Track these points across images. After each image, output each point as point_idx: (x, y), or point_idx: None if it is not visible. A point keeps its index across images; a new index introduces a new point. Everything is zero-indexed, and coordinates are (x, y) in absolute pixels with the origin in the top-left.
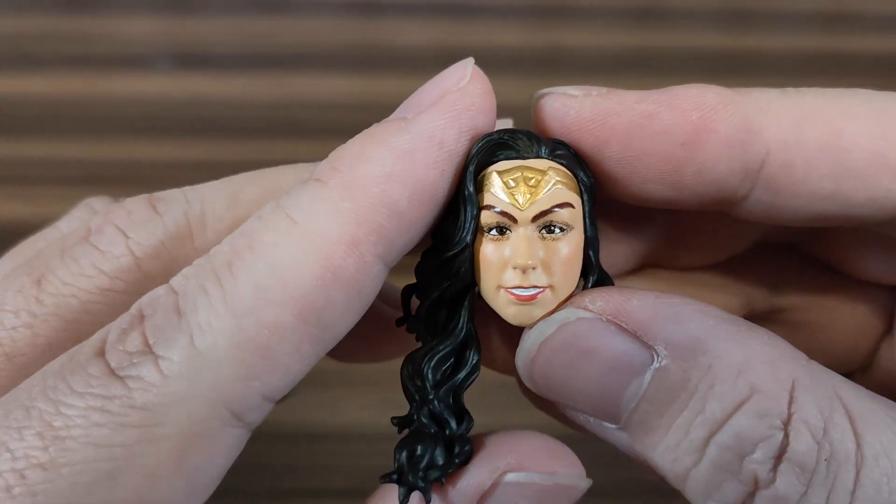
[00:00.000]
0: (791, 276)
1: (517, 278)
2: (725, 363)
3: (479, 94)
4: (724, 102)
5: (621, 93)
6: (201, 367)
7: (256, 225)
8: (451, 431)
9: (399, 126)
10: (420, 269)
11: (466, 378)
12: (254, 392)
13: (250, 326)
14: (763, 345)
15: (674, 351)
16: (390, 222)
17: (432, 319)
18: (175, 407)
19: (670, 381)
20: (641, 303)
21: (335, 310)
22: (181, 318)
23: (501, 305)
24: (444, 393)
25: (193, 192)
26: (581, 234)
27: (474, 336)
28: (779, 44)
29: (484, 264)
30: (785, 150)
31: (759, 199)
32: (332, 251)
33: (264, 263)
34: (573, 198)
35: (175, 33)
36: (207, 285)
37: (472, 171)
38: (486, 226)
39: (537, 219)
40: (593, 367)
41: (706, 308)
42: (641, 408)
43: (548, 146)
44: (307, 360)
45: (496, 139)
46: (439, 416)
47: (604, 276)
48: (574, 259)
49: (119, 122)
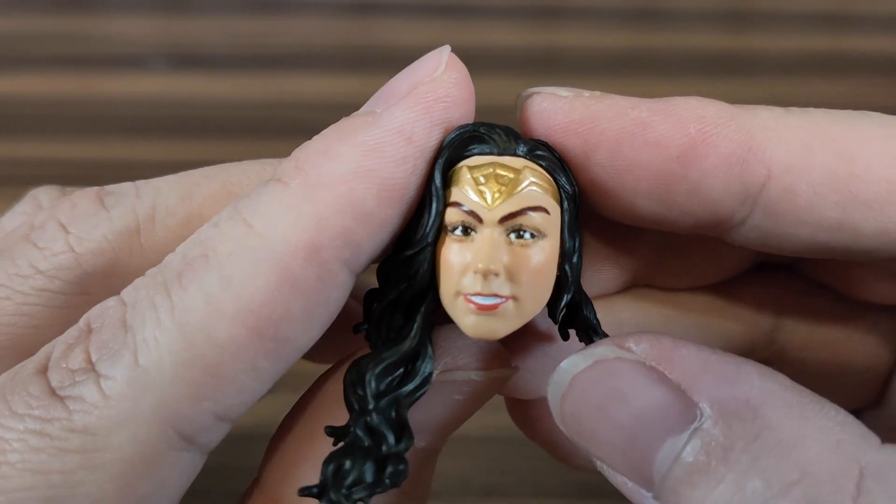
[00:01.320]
0: (792, 297)
1: (477, 284)
2: (776, 435)
3: (453, 84)
4: (726, 117)
5: (615, 97)
6: (145, 386)
7: (211, 232)
8: (387, 448)
9: (366, 121)
10: (380, 270)
11: (414, 391)
12: (204, 412)
13: (200, 342)
14: (827, 420)
15: (719, 412)
16: (357, 224)
17: (387, 325)
18: (118, 430)
19: (710, 447)
20: (693, 353)
21: (295, 322)
22: (127, 333)
23: (459, 314)
24: (386, 405)
25: (146, 186)
26: (556, 245)
27: (428, 345)
28: (778, 44)
29: (444, 266)
30: (789, 174)
31: (756, 225)
32: (291, 259)
33: (217, 274)
34: (549, 203)
35: (171, 33)
36: (156, 298)
37: (441, 164)
38: (451, 224)
39: (505, 220)
40: (624, 414)
41: (769, 372)
42: (675, 473)
43: (527, 145)
44: (265, 377)
45: (470, 131)
46: (376, 429)
47: (582, 296)
48: (544, 271)
49: (115, 121)
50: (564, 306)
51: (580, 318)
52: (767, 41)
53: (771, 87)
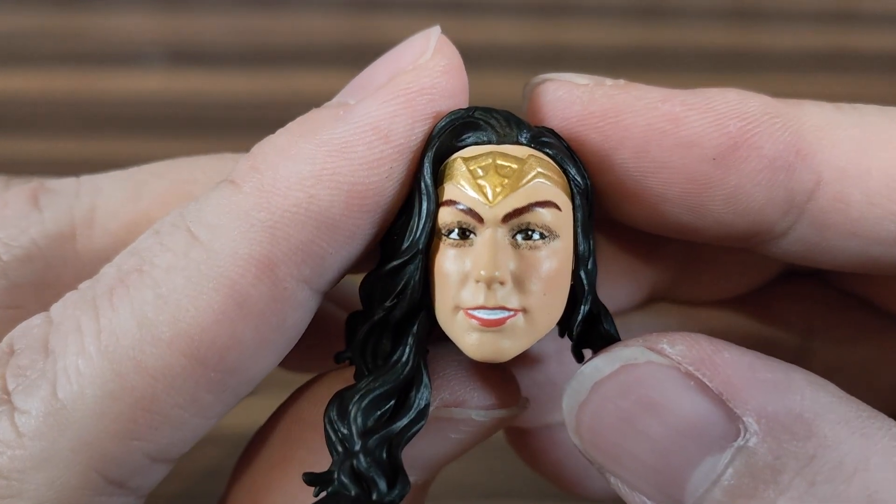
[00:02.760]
0: (824, 310)
1: (480, 296)
2: (836, 455)
3: (441, 72)
4: (771, 114)
5: (643, 87)
6: (65, 422)
7: (150, 242)
8: (379, 496)
9: (336, 114)
10: (364, 286)
11: (409, 427)
12: (135, 453)
13: (129, 372)
14: (892, 440)
15: (768, 427)
16: (320, 236)
17: (373, 350)
18: (33, 473)
19: (757, 468)
20: (736, 358)
21: (243, 349)
22: (47, 360)
23: (459, 332)
24: (375, 444)
25: (89, 184)
26: (569, 247)
27: (423, 372)
28: (784, 41)
29: (440, 278)
30: (842, 181)
31: (801, 237)
32: (240, 276)
33: (152, 292)
34: (560, 197)
35: (170, 30)
36: (82, 319)
37: (430, 156)
38: (445, 227)
39: (510, 219)
40: (657, 428)
41: (820, 381)
42: (713, 497)
43: (530, 131)
44: (209, 413)
45: (463, 117)
46: (364, 474)
47: (600, 307)
48: (558, 278)
49: (113, 119)
50: (581, 320)
51: (599, 332)
52: (773, 38)
53: (777, 84)
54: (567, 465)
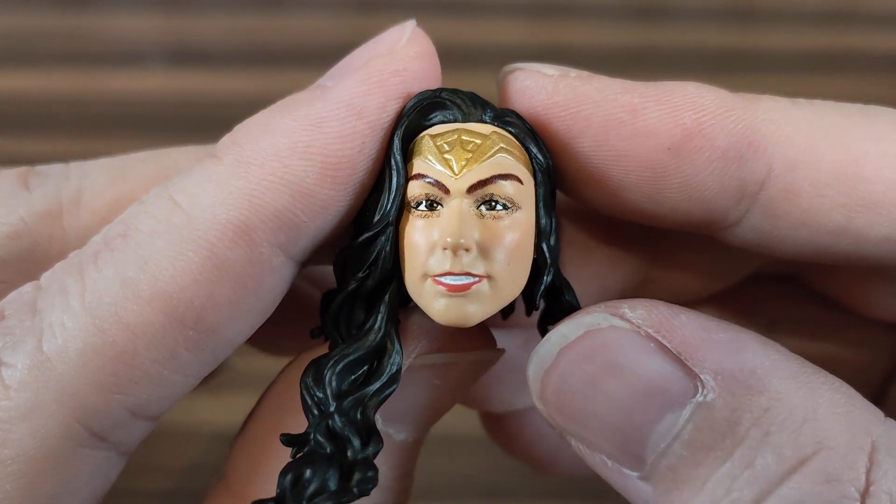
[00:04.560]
0: (790, 311)
1: (447, 262)
2: (788, 407)
3: (413, 57)
4: (726, 107)
5: (605, 79)
6: (49, 374)
7: (135, 210)
8: (353, 453)
9: (314, 94)
10: (337, 261)
11: (381, 390)
12: (117, 406)
13: (111, 328)
14: (835, 393)
15: (724, 383)
16: (295, 205)
17: (346, 320)
18: (18, 424)
19: (715, 421)
20: (692, 321)
21: (220, 310)
22: (34, 318)
23: (427, 298)
24: (349, 406)
25: (76, 168)
26: (531, 218)
27: (395, 339)
28: (782, 41)
29: (409, 247)
30: (792, 172)
31: (753, 226)
32: (217, 239)
33: (134, 254)
34: (521, 171)
35: (170, 30)
36: (68, 280)
37: (400, 133)
38: (414, 199)
39: (474, 190)
40: (620, 388)
41: (768, 341)
42: (674, 451)
43: (494, 111)
44: (189, 370)
45: (431, 97)
46: (339, 433)
47: (563, 282)
48: (521, 246)
49: (114, 119)
50: (544, 291)
51: (561, 304)
52: (772, 38)
53: (775, 84)
54: (538, 446)
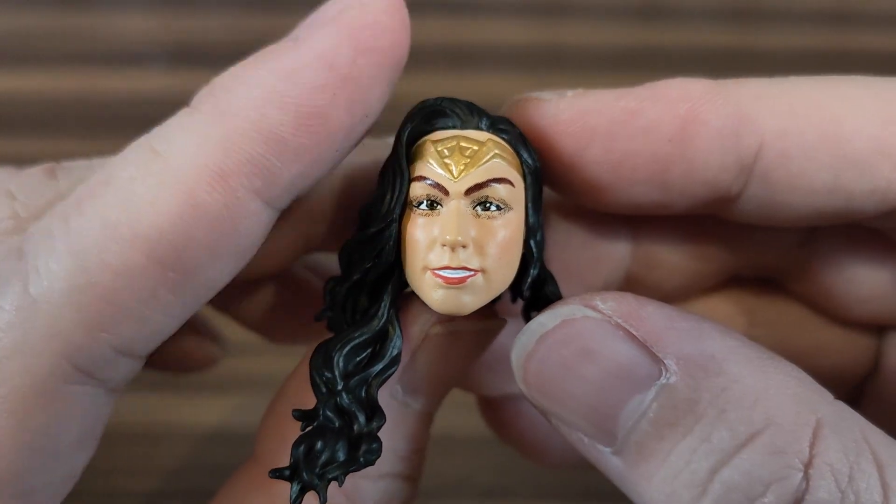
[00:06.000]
0: (768, 314)
1: (445, 257)
2: (741, 388)
3: (382, 10)
4: (713, 92)
5: (599, 92)
6: (36, 314)
7: (116, 159)
8: (359, 427)
9: (287, 46)
10: (343, 252)
11: (383, 371)
12: (102, 344)
13: (94, 268)
14: (786, 376)
15: (685, 367)
16: (270, 152)
17: (352, 307)
18: (8, 362)
19: (677, 401)
20: (657, 311)
21: (198, 252)
22: (20, 261)
23: (426, 289)
24: (355, 385)
25: (100, 164)
26: (521, 218)
27: (396, 325)
28: (782, 41)
29: (410, 243)
30: (781, 140)
31: (754, 195)
32: (195, 183)
33: (116, 198)
34: (513, 175)
35: (171, 30)
36: (53, 225)
37: (404, 138)
38: (416, 199)
39: (471, 192)
40: (593, 371)
41: (727, 329)
42: (641, 427)
43: (489, 119)
44: (170, 311)
45: (432, 106)
46: (346, 409)
47: (547, 274)
48: (511, 244)
49: (115, 119)
50: (531, 283)
51: (544, 294)
52: (773, 38)
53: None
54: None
